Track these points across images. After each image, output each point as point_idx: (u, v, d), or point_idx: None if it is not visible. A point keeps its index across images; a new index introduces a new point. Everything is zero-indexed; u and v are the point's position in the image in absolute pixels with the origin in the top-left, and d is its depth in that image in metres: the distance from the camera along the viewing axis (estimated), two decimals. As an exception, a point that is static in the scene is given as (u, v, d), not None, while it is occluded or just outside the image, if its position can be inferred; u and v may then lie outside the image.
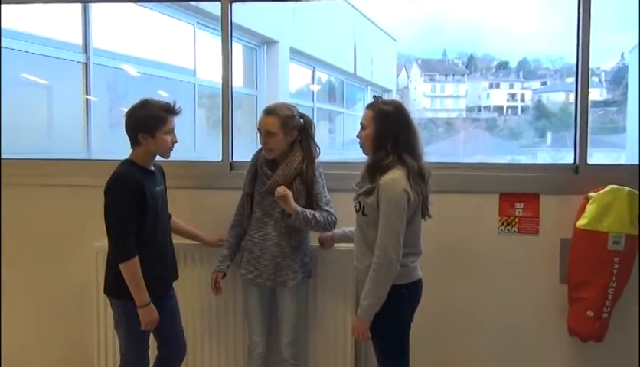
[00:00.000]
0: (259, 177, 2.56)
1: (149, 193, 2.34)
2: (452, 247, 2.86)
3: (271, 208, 2.54)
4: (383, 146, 2.20)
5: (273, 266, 2.55)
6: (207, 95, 5.77)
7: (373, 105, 2.26)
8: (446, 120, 11.31)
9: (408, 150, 2.20)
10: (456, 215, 2.83)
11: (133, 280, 2.29)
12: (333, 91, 9.54)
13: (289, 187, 2.49)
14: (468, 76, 11.81)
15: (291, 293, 2.59)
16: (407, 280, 2.23)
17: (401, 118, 2.22)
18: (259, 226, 2.57)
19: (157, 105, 2.37)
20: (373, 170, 2.21)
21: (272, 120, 2.49)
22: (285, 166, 2.52)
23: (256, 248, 2.57)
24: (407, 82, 12.00)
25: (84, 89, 3.73)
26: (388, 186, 2.14)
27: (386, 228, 2.13)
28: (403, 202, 2.13)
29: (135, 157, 2.39)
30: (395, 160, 2.18)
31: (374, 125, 2.23)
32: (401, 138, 2.19)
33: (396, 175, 2.16)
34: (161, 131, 2.35)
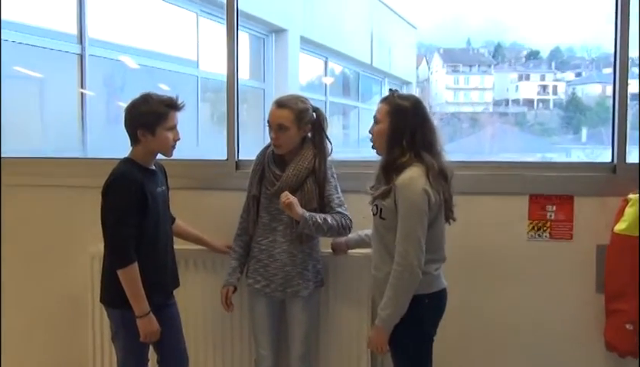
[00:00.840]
0: (267, 177, 2.56)
1: (150, 193, 2.35)
2: (477, 254, 2.84)
3: (280, 212, 2.53)
4: (398, 143, 2.20)
5: (283, 275, 2.55)
6: (211, 88, 5.79)
7: (388, 99, 2.27)
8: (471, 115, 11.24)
9: (426, 147, 2.20)
10: (482, 219, 2.82)
11: (132, 287, 2.30)
12: (347, 84, 9.53)
13: (301, 188, 2.49)
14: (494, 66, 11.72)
15: (302, 304, 2.59)
16: (430, 290, 2.23)
17: (418, 114, 2.22)
18: (267, 232, 2.57)
19: (158, 99, 2.38)
20: (388, 169, 2.21)
21: (286, 113, 2.49)
22: (296, 164, 2.52)
23: (263, 256, 2.58)
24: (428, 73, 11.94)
25: (79, 83, 3.76)
26: (405, 186, 2.14)
27: (406, 232, 2.13)
28: (422, 204, 2.12)
29: (135, 156, 2.41)
30: (412, 158, 2.18)
31: (389, 121, 2.23)
32: (418, 135, 2.19)
33: (413, 173, 2.15)
34: (161, 127, 2.36)
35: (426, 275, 2.18)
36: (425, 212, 2.13)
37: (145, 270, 2.33)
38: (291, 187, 2.49)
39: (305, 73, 7.82)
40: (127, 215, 2.29)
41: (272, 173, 2.54)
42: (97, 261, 2.76)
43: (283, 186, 2.49)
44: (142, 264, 2.32)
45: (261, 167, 2.59)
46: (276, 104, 2.52)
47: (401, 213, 2.14)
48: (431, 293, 2.23)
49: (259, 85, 6.30)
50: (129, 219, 2.29)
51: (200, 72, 5.55)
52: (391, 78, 10.02)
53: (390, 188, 2.18)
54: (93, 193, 2.41)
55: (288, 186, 2.48)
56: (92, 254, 2.86)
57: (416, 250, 2.12)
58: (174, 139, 2.42)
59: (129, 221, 2.29)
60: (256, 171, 2.60)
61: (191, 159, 3.08)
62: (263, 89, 6.29)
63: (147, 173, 2.41)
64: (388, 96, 2.28)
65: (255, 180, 2.59)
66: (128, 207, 2.29)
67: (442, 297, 2.30)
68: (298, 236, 2.52)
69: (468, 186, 2.51)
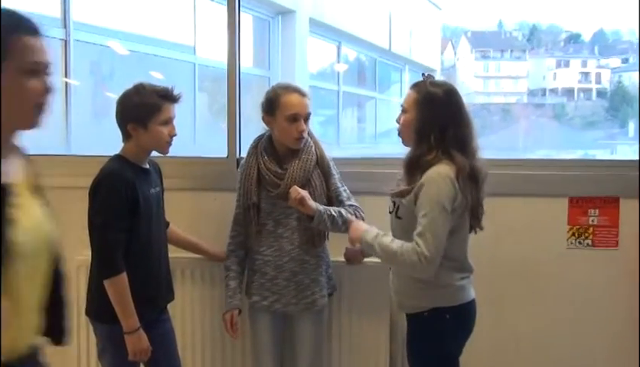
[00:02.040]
0: (266, 178, 2.54)
1: (142, 195, 2.36)
2: (509, 264, 2.84)
3: (285, 215, 2.54)
4: (426, 137, 2.17)
5: (294, 286, 2.56)
6: (209, 77, 5.81)
7: (418, 86, 2.25)
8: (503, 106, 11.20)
9: (458, 145, 2.16)
10: (515, 224, 2.81)
11: (120, 300, 2.31)
12: (363, 71, 9.52)
13: (308, 184, 2.50)
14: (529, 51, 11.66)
15: (313, 316, 2.60)
16: (452, 303, 2.21)
17: (452, 105, 2.19)
18: (271, 241, 2.57)
19: (151, 90, 2.38)
20: (413, 167, 2.19)
21: (308, 102, 2.52)
22: (300, 157, 2.52)
23: (268, 268, 2.58)
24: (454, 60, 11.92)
25: (63, 71, 3.78)
26: (432, 180, 2.12)
27: (426, 229, 2.08)
28: (447, 203, 2.10)
29: (127, 153, 2.42)
30: (439, 157, 2.15)
31: (417, 110, 2.21)
32: (449, 130, 2.16)
33: (441, 169, 2.13)
34: (155, 121, 2.37)
35: (445, 287, 2.17)
36: (448, 213, 2.11)
37: (136, 281, 2.33)
38: (299, 184, 2.49)
39: (316, 60, 7.82)
40: (116, 218, 2.29)
41: (272, 173, 2.53)
42: (84, 270, 2.77)
43: (290, 185, 2.48)
44: (132, 275, 2.32)
45: (255, 169, 2.57)
46: (299, 92, 2.52)
47: (422, 210, 2.10)
48: (454, 306, 2.21)
49: (263, 73, 6.30)
50: (118, 222, 2.30)
51: (198, 59, 5.56)
52: (412, 65, 10.00)
53: (411, 188, 2.16)
54: (78, 194, 2.43)
55: (295, 183, 2.48)
56: (77, 263, 2.88)
57: (435, 242, 2.07)
58: (169, 134, 2.42)
59: (118, 225, 2.30)
60: (250, 175, 2.57)
61: (187, 156, 3.08)
62: (268, 78, 6.29)
63: (139, 172, 2.42)
64: (419, 82, 2.26)
65: (252, 185, 2.56)
66: (118, 209, 2.30)
67: (467, 312, 2.27)
68: (309, 238, 2.52)
69: (498, 187, 2.50)
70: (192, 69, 5.53)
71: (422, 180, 2.12)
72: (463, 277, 2.24)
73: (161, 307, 2.55)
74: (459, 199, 2.12)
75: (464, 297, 2.25)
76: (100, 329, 2.44)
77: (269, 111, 2.52)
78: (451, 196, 2.10)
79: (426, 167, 2.15)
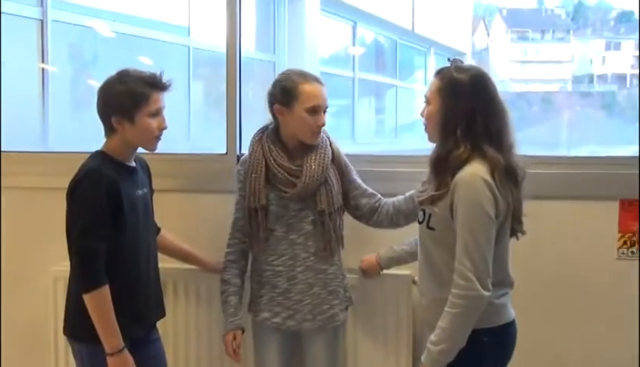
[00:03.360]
0: (278, 176, 2.55)
1: (127, 197, 2.37)
2: (549, 277, 2.83)
3: (298, 219, 2.56)
4: (452, 131, 2.16)
5: (310, 300, 2.57)
6: (206, 62, 5.82)
7: (442, 72, 2.24)
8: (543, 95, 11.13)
9: (489, 138, 2.15)
10: (556, 231, 2.81)
11: (101, 317, 2.32)
12: (381, 55, 9.51)
13: (325, 183, 2.53)
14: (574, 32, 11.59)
15: (328, 335, 2.62)
16: (491, 324, 2.21)
17: (479, 92, 2.18)
18: (282, 249, 2.58)
19: (137, 77, 2.40)
20: (440, 166, 2.18)
21: (325, 91, 2.55)
22: (318, 154, 2.54)
23: (280, 281, 2.58)
24: (487, 42, 11.86)
25: (39, 56, 3.80)
26: (467, 184, 2.11)
27: (469, 244, 2.09)
28: (489, 208, 2.09)
29: (110, 149, 2.43)
30: (469, 151, 2.14)
31: (440, 100, 2.20)
32: (477, 120, 2.14)
33: (476, 170, 2.11)
34: (142, 112, 2.38)
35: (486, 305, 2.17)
36: (492, 220, 2.10)
37: (120, 295, 2.34)
38: (318, 183, 2.52)
39: (328, 42, 7.82)
40: (97, 224, 2.30)
41: (286, 169, 2.54)
42: (62, 283, 2.79)
43: (309, 184, 2.50)
44: (116, 288, 2.33)
45: (263, 166, 2.57)
46: (318, 81, 2.55)
47: (461, 220, 2.10)
48: (492, 328, 2.21)
49: (268, 57, 6.31)
50: (100, 229, 2.30)
51: (193, 41, 5.57)
52: (438, 48, 9.97)
53: (442, 192, 2.15)
54: (56, 196, 2.44)
55: (315, 182, 2.51)
56: (55, 275, 2.90)
57: (482, 267, 2.09)
58: (158, 128, 2.43)
59: (99, 232, 2.30)
60: (258, 173, 2.56)
61: (180, 153, 3.10)
62: (273, 63, 6.29)
63: (124, 171, 2.43)
64: (443, 68, 2.25)
65: (260, 184, 2.57)
66: (99, 214, 2.30)
67: (508, 333, 2.27)
68: (326, 244, 2.54)
69: (537, 189, 2.47)
70: (186, 53, 5.54)
71: (456, 183, 2.12)
72: (503, 294, 2.23)
73: (149, 325, 2.56)
74: (500, 201, 2.12)
75: (504, 317, 2.24)
76: (80, 350, 2.45)
77: (284, 101, 2.52)
78: (492, 200, 2.10)
79: (456, 165, 2.14)
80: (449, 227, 2.14)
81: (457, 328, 2.12)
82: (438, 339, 2.14)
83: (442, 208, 2.16)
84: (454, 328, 2.12)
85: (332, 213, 2.54)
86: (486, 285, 2.10)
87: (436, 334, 2.15)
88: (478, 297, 2.09)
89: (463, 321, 2.12)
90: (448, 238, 2.14)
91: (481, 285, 2.08)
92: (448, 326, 2.12)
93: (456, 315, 2.11)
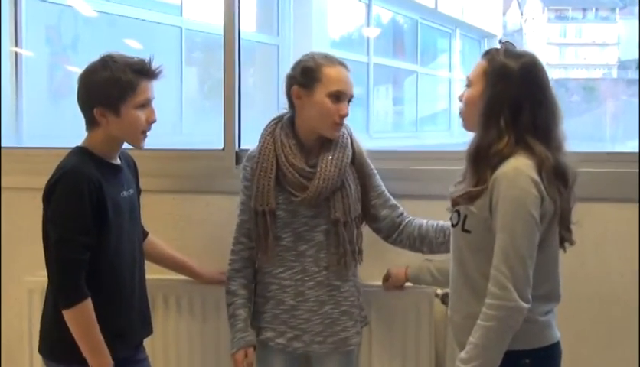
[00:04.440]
0: (288, 177, 2.52)
1: (111, 199, 2.36)
2: (597, 292, 2.81)
3: (309, 227, 2.54)
4: (494, 120, 2.15)
5: (321, 320, 2.56)
6: (201, 45, 5.82)
7: (490, 54, 2.23)
8: (585, 83, 11.10)
9: (536, 132, 2.14)
10: (601, 238, 2.78)
11: (85, 334, 2.31)
12: (400, 37, 9.51)
13: (342, 186, 2.52)
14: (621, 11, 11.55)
15: (340, 359, 2.61)
16: (533, 345, 2.18)
17: (529, 81, 2.17)
18: (291, 260, 2.57)
19: (124, 63, 2.38)
20: (479, 159, 2.17)
21: (351, 78, 2.54)
22: (336, 154, 2.52)
23: (287, 296, 2.57)
24: (520, 22, 11.85)
25: (12, 38, 3.80)
26: (509, 179, 2.09)
27: (508, 248, 2.07)
28: (533, 208, 2.07)
29: (92, 144, 2.42)
30: (513, 146, 2.13)
31: (485, 84, 2.19)
32: (524, 111, 2.14)
33: (520, 164, 2.10)
34: (128, 103, 2.37)
35: (526, 323, 2.12)
36: (536, 222, 2.08)
37: (101, 310, 2.33)
38: (333, 187, 2.50)
39: (339, 23, 7.81)
40: (78, 230, 2.29)
41: (297, 170, 2.51)
42: (38, 295, 2.79)
43: (323, 188, 2.48)
44: (97, 302, 2.32)
45: (274, 163, 2.56)
46: (344, 66, 2.53)
47: (501, 220, 2.08)
48: (535, 349, 2.19)
49: (270, 40, 6.31)
50: (81, 236, 2.29)
51: (186, 21, 5.58)
52: (465, 28, 9.97)
53: (480, 189, 2.13)
54: (31, 197, 2.44)
55: (329, 186, 2.48)
56: (30, 286, 2.89)
57: (521, 275, 2.07)
58: (147, 121, 2.42)
59: (80, 240, 2.29)
60: (268, 171, 2.54)
61: (171, 149, 3.09)
62: (277, 46, 6.29)
63: (107, 169, 2.42)
64: (491, 50, 2.24)
65: (270, 184, 2.53)
66: (80, 219, 2.29)
67: (552, 356, 2.25)
68: (340, 257, 2.52)
69: (580, 189, 2.47)
70: (178, 35, 5.55)
71: (496, 178, 2.10)
72: (548, 311, 2.21)
73: (135, 343, 2.56)
74: (547, 202, 2.10)
75: (549, 337, 2.22)
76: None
77: (305, 83, 2.49)
78: (537, 199, 2.08)
79: (497, 159, 2.13)
80: (488, 229, 2.12)
81: (491, 343, 2.10)
82: (469, 356, 2.12)
83: (479, 207, 2.14)
84: (487, 343, 2.10)
85: (348, 223, 2.51)
86: (525, 296, 2.07)
87: (467, 351, 2.12)
88: (515, 308, 2.07)
89: (498, 336, 2.10)
90: (487, 243, 2.12)
91: (520, 296, 2.06)
92: (480, 341, 2.10)
93: (490, 329, 2.09)
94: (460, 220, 2.20)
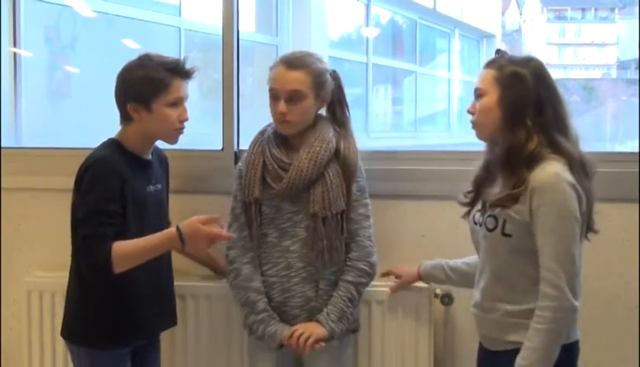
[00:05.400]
0: (269, 168, 2.55)
1: (133, 193, 2.39)
2: (597, 292, 2.80)
3: (292, 223, 2.55)
4: (520, 122, 2.18)
5: (306, 316, 2.56)
6: (199, 45, 5.82)
7: (497, 62, 2.27)
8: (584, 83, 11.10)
9: (560, 128, 2.20)
10: (603, 237, 2.76)
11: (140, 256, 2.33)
12: (399, 37, 9.50)
13: (321, 179, 2.50)
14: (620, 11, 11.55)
15: (329, 359, 2.60)
16: (567, 339, 2.21)
17: (544, 80, 2.22)
18: (276, 256, 2.58)
19: (158, 61, 2.44)
20: (513, 160, 2.19)
21: (300, 76, 2.51)
22: (310, 147, 2.52)
23: (275, 293, 2.58)
24: (519, 22, 11.84)
25: (11, 39, 3.80)
26: (551, 185, 2.13)
27: (559, 250, 2.12)
28: (575, 209, 2.13)
29: (124, 138, 2.47)
30: (543, 145, 2.18)
31: (501, 90, 2.22)
32: (547, 110, 2.18)
33: (556, 168, 2.15)
34: (160, 100, 2.42)
35: None
36: (578, 221, 2.15)
37: (122, 301, 2.40)
38: (307, 180, 2.50)
39: (338, 23, 7.81)
40: (102, 208, 2.31)
41: (278, 162, 2.53)
42: (36, 295, 2.79)
43: (296, 180, 2.49)
44: (118, 292, 2.38)
45: (260, 158, 2.58)
46: (285, 63, 2.53)
47: (547, 225, 2.13)
48: (568, 344, 2.21)
49: (269, 40, 6.31)
50: (105, 214, 2.30)
51: (185, 21, 5.57)
52: (464, 29, 9.96)
53: (520, 190, 2.16)
54: (29, 197, 2.44)
55: (302, 178, 2.48)
56: (28, 287, 2.89)
57: (573, 274, 2.12)
58: (179, 119, 2.48)
59: (105, 218, 2.30)
60: (255, 164, 2.58)
61: (170, 149, 3.08)
62: (276, 46, 6.29)
63: (137, 164, 2.46)
64: (496, 59, 2.28)
65: (256, 174, 2.56)
66: (105, 200, 2.32)
67: (577, 352, 2.29)
68: (319, 253, 2.50)
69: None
70: (177, 35, 5.54)
71: (536, 185, 2.14)
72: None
73: (150, 335, 2.60)
74: (583, 198, 2.16)
75: (573, 334, 2.26)
76: (78, 354, 2.48)
77: None
78: (576, 200, 2.14)
79: (531, 160, 2.17)
80: (529, 233, 2.16)
81: (551, 345, 2.14)
82: (529, 362, 2.15)
83: (520, 212, 2.17)
84: (548, 345, 2.14)
85: (328, 218, 2.50)
86: (577, 295, 2.14)
87: (526, 356, 2.15)
88: (570, 308, 2.12)
89: (557, 337, 2.14)
90: (528, 245, 2.17)
91: (573, 294, 2.12)
92: (540, 345, 2.13)
93: (549, 331, 2.13)
94: (499, 225, 2.22)
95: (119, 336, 2.44)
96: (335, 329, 2.49)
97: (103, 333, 2.43)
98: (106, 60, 4.05)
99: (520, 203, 2.16)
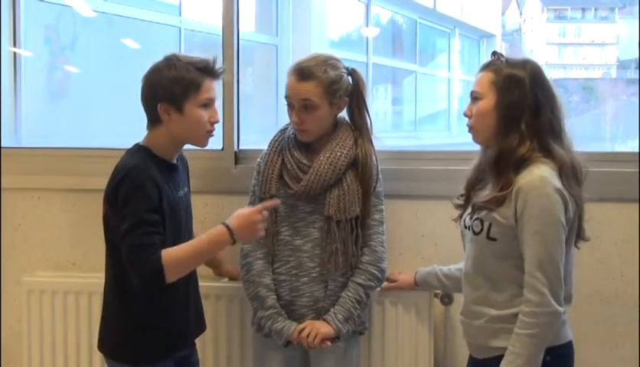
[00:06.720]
0: (288, 170, 2.57)
1: (168, 200, 2.35)
2: (597, 292, 2.81)
3: (306, 223, 2.56)
4: (515, 124, 2.19)
5: (314, 316, 2.57)
6: (199, 45, 5.81)
7: (494, 65, 2.27)
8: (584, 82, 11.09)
9: (554, 133, 2.19)
10: (603, 237, 2.78)
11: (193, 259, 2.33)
12: (399, 37, 9.50)
13: (339, 184, 2.51)
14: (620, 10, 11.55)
15: (335, 360, 2.60)
16: (552, 342, 2.20)
17: (540, 84, 2.22)
18: (287, 255, 2.59)
19: (187, 61, 2.39)
20: (502, 163, 2.20)
21: (311, 87, 2.50)
22: (332, 150, 2.53)
23: (284, 291, 2.59)
24: (519, 22, 11.84)
25: (11, 39, 3.81)
26: (536, 189, 2.13)
27: (542, 255, 2.12)
28: (561, 214, 2.13)
29: (152, 143, 2.42)
30: (534, 150, 2.18)
31: (498, 94, 2.22)
32: (543, 114, 2.18)
33: (543, 172, 2.14)
34: (192, 101, 2.37)
35: None
36: (564, 227, 2.14)
37: (164, 311, 2.37)
38: (326, 184, 2.51)
39: (338, 23, 7.81)
40: (146, 217, 2.25)
41: (297, 163, 2.55)
42: (36, 296, 2.79)
43: (314, 183, 2.50)
44: (153, 304, 2.35)
45: (279, 157, 2.59)
46: (297, 73, 2.52)
47: (531, 229, 2.13)
48: (554, 347, 2.21)
49: (269, 40, 6.31)
50: (149, 224, 2.26)
51: (185, 21, 5.57)
52: (464, 28, 9.96)
53: (506, 193, 2.16)
54: (28, 197, 2.43)
55: (321, 182, 2.50)
56: (28, 287, 2.89)
57: (555, 280, 2.12)
58: (210, 121, 2.43)
59: (149, 227, 2.25)
60: (273, 163, 2.60)
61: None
62: (276, 46, 6.29)
63: (166, 169, 2.42)
64: (493, 62, 2.28)
65: (273, 172, 2.58)
66: (147, 210, 2.26)
67: (568, 354, 2.29)
68: (331, 255, 2.51)
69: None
70: (177, 35, 5.54)
71: (521, 188, 2.14)
72: (565, 311, 2.23)
73: (191, 343, 2.60)
74: (570, 204, 2.15)
75: (565, 336, 2.26)
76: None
77: None
78: (563, 205, 2.13)
79: (521, 163, 2.17)
80: (514, 237, 2.17)
81: (534, 350, 2.14)
82: (510, 362, 2.15)
83: (505, 216, 2.18)
84: (531, 351, 2.14)
85: (342, 222, 2.52)
86: (560, 300, 2.13)
87: (510, 361, 2.15)
88: (554, 313, 2.12)
89: (540, 342, 2.14)
90: (513, 250, 2.17)
91: (556, 300, 2.12)
92: (524, 351, 2.13)
93: (532, 336, 2.13)
94: (484, 228, 2.22)
95: (163, 348, 2.42)
96: (342, 329, 2.50)
97: (149, 348, 2.40)
98: (105, 60, 4.06)
99: (506, 206, 2.17)
